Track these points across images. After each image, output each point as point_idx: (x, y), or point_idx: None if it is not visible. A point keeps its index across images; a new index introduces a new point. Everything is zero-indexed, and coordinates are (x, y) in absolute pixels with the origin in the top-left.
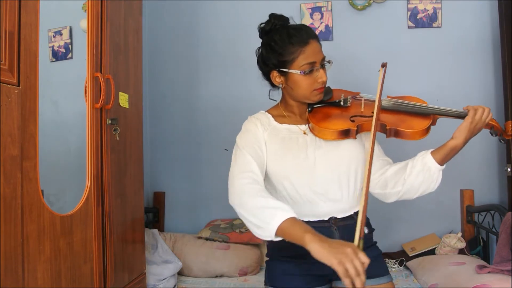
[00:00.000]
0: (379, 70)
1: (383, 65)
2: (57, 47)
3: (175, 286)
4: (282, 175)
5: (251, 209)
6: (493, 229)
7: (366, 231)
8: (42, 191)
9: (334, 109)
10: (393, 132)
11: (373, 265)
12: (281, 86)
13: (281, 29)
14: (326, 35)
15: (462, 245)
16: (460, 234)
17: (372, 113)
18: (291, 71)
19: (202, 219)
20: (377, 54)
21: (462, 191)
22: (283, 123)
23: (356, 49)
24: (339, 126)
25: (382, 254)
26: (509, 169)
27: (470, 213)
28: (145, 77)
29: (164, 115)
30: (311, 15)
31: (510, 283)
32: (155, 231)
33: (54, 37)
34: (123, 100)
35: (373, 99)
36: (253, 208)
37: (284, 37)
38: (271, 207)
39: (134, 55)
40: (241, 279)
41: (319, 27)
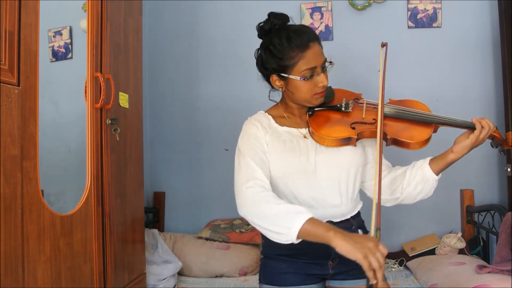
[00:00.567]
0: (380, 52)
1: (383, 45)
2: (57, 47)
3: (175, 286)
4: (283, 178)
5: (268, 217)
6: (493, 229)
7: (361, 232)
8: (42, 191)
9: (335, 113)
10: (392, 141)
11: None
12: (280, 89)
13: (280, 31)
14: (326, 35)
15: (462, 245)
16: (460, 234)
17: (373, 119)
18: (291, 76)
19: (202, 219)
20: (377, 54)
21: (462, 191)
22: (283, 125)
23: (356, 49)
24: (339, 134)
25: None
26: (509, 169)
27: (470, 213)
28: (145, 77)
29: (164, 115)
30: (311, 15)
31: (510, 283)
32: (155, 231)
33: (54, 37)
34: (123, 100)
35: (375, 103)
36: (269, 216)
37: (283, 41)
38: (288, 212)
39: (134, 55)
40: (241, 279)
41: (319, 27)
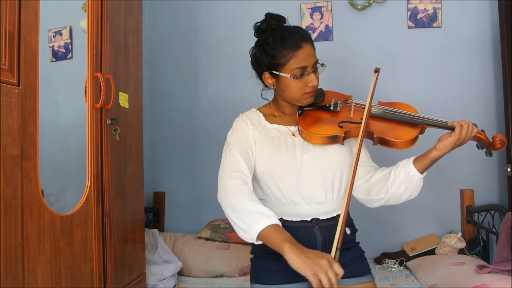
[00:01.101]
0: (372, 76)
1: (376, 70)
2: (57, 47)
3: (175, 286)
4: (268, 174)
5: (237, 211)
6: (493, 229)
7: (349, 232)
8: (42, 191)
9: (324, 113)
10: (379, 140)
11: (355, 265)
12: (272, 87)
13: (275, 30)
14: (326, 35)
15: (462, 245)
16: (460, 234)
17: (361, 119)
18: (282, 74)
19: (202, 219)
20: (377, 54)
21: (462, 191)
22: (273, 122)
23: (356, 49)
24: (327, 132)
25: (382, 254)
26: (509, 169)
27: (470, 213)
28: (145, 77)
29: (164, 115)
30: (311, 15)
31: (510, 283)
32: (155, 231)
33: (54, 37)
34: (123, 100)
35: (364, 104)
36: (239, 211)
37: (277, 39)
38: (256, 212)
39: (134, 55)
40: (241, 279)
41: (319, 27)
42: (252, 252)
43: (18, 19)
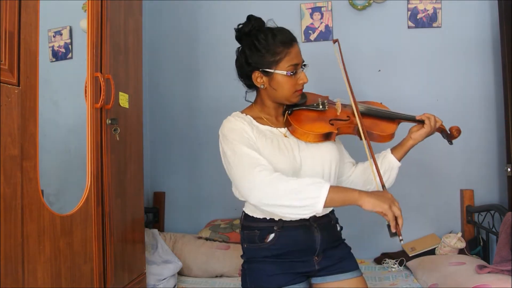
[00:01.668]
0: (334, 48)
1: (334, 41)
2: (57, 47)
3: (175, 286)
4: None
5: (290, 193)
6: (493, 229)
7: (338, 228)
8: (42, 191)
9: (312, 112)
10: (367, 135)
11: (346, 261)
12: (262, 86)
13: (262, 30)
14: (326, 35)
15: (462, 245)
16: (460, 234)
17: (347, 117)
18: (277, 71)
19: (202, 219)
20: (377, 54)
21: (462, 191)
22: (265, 124)
23: (356, 49)
24: (321, 129)
25: (382, 254)
26: (509, 169)
27: (470, 213)
28: (145, 77)
29: (164, 115)
30: (311, 15)
31: (510, 283)
32: (155, 231)
33: (54, 37)
34: (123, 100)
35: (347, 103)
36: (292, 191)
37: (269, 37)
38: (311, 183)
39: (134, 55)
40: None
41: (319, 27)
42: (247, 257)
43: (18, 19)
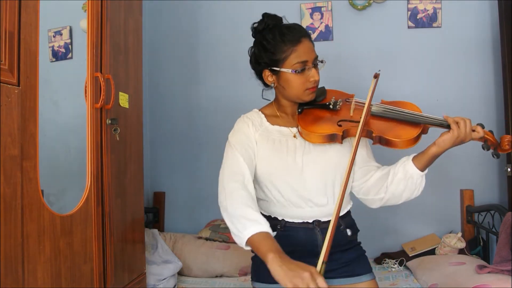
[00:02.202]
0: (372, 81)
1: (376, 76)
2: (57, 47)
3: (175, 286)
4: (269, 178)
5: (231, 216)
6: (493, 229)
7: (350, 233)
8: (42, 191)
9: (324, 112)
10: (379, 140)
11: (355, 264)
12: (273, 85)
13: (273, 28)
14: (326, 35)
15: (462, 245)
16: (460, 234)
17: (360, 118)
18: (283, 69)
19: (202, 219)
20: (377, 54)
21: (462, 191)
22: (275, 124)
23: (356, 49)
24: (325, 130)
25: (382, 254)
26: (509, 169)
27: (470, 213)
28: (145, 77)
29: (164, 115)
30: (311, 15)
31: (510, 283)
32: (155, 231)
33: (54, 37)
34: (123, 100)
35: (365, 102)
36: (233, 215)
37: (276, 36)
38: (247, 219)
39: (134, 55)
40: (241, 279)
41: (319, 27)
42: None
43: (18, 19)
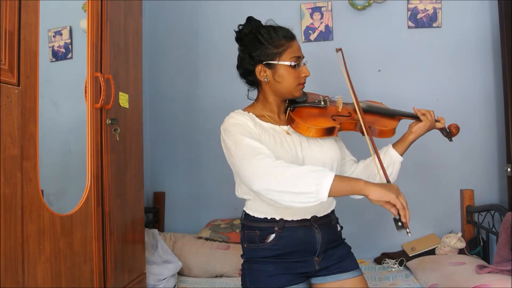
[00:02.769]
0: (337, 56)
1: (338, 49)
2: (57, 47)
3: (175, 286)
4: None
5: (292, 179)
6: (493, 229)
7: (339, 228)
8: (42, 191)
9: (314, 109)
10: (369, 130)
11: (346, 261)
12: (265, 80)
13: (263, 27)
14: (326, 35)
15: (462, 245)
16: (460, 234)
17: (349, 113)
18: (281, 62)
19: (202, 219)
20: (377, 54)
21: (462, 191)
22: (267, 121)
23: (356, 49)
24: (324, 124)
25: (382, 254)
26: (509, 169)
27: (470, 213)
28: (145, 77)
29: (164, 115)
30: (311, 15)
31: (510, 283)
32: (155, 231)
33: (54, 37)
34: (123, 100)
35: (348, 101)
36: (295, 177)
37: (271, 31)
38: (315, 170)
39: (134, 55)
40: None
41: (319, 27)
42: (246, 257)
43: (18, 19)
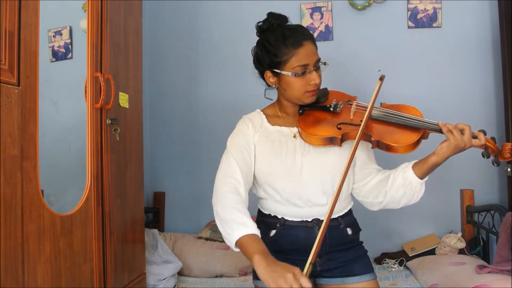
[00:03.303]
0: (377, 83)
1: (381, 78)
2: (57, 47)
3: (175, 286)
4: (267, 179)
5: (221, 219)
6: (493, 229)
7: (350, 232)
8: (42, 191)
9: (324, 113)
10: (377, 144)
11: (355, 264)
12: (274, 86)
13: (277, 29)
14: (326, 35)
15: (462, 245)
16: (460, 234)
17: (361, 121)
18: (284, 72)
19: (202, 219)
20: (377, 54)
21: (462, 191)
22: (275, 124)
23: (356, 49)
24: (324, 133)
25: (382, 254)
26: (509, 169)
27: (470, 213)
28: (145, 77)
29: (164, 115)
30: (311, 15)
31: (510, 283)
32: (155, 231)
33: (54, 37)
34: (123, 100)
35: (366, 106)
36: (223, 218)
37: (278, 38)
38: (236, 222)
39: (134, 55)
40: (241, 279)
41: (319, 27)
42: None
43: (18, 19)
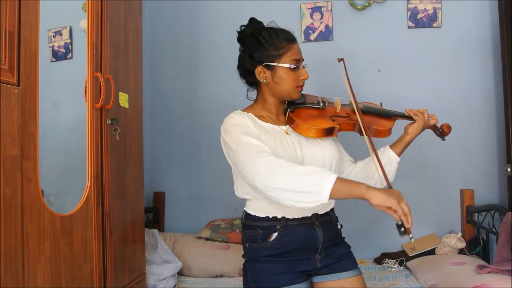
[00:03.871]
0: (339, 66)
1: (340, 60)
2: (57, 47)
3: (175, 286)
4: None
5: (294, 177)
6: (493, 229)
7: (339, 226)
8: (42, 191)
9: (313, 110)
10: (368, 131)
11: (346, 260)
12: (265, 81)
13: (263, 29)
14: (326, 35)
15: (462, 245)
16: (460, 234)
17: (347, 114)
18: (280, 65)
19: (202, 219)
20: (377, 54)
21: (462, 191)
22: (266, 121)
23: (356, 49)
24: (324, 124)
25: (382, 254)
26: (509, 169)
27: (470, 213)
28: (145, 77)
29: (164, 115)
30: (311, 15)
31: (510, 283)
32: (155, 231)
33: (54, 37)
34: (123, 100)
35: (345, 102)
36: (296, 175)
37: (271, 33)
38: (317, 171)
39: (134, 55)
40: (241, 279)
41: (319, 27)
42: (248, 257)
43: (18, 19)
